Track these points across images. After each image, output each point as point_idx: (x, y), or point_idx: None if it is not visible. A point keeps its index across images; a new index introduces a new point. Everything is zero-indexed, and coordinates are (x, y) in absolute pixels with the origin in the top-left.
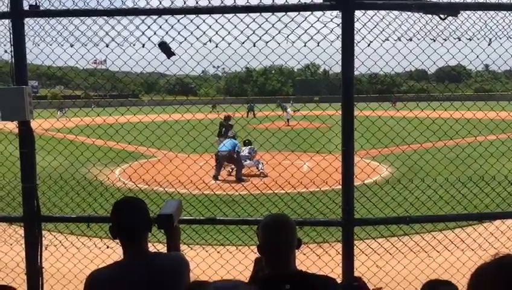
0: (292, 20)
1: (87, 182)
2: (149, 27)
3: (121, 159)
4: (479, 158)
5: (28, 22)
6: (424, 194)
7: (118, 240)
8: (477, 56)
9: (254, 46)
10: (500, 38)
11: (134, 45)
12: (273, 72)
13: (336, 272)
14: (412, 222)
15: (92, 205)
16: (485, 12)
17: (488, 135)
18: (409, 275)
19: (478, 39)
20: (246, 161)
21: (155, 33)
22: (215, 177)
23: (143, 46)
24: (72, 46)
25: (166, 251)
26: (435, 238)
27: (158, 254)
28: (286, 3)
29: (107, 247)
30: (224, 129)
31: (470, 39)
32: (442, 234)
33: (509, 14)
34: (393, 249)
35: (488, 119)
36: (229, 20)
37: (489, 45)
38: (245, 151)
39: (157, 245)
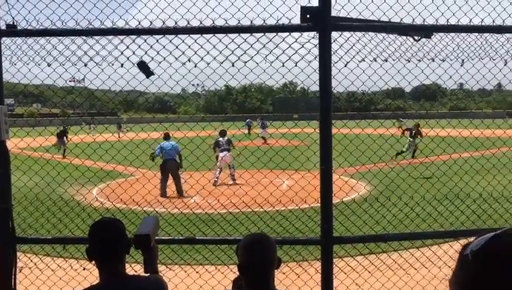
0: (270, 40)
1: (63, 202)
2: (128, 47)
3: (98, 179)
4: (454, 176)
5: (5, 41)
6: (401, 212)
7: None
8: (451, 76)
9: (233, 66)
10: (472, 60)
11: (113, 65)
12: (252, 90)
13: None
14: (389, 239)
15: (69, 226)
16: (457, 34)
17: (462, 152)
18: None
19: (451, 60)
20: (227, 152)
21: (134, 53)
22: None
23: (122, 66)
24: (49, 65)
25: (143, 271)
26: (412, 255)
27: (135, 276)
28: (264, 24)
29: (84, 269)
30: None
31: (443, 60)
32: (420, 251)
33: (480, 36)
34: (371, 266)
35: (462, 138)
36: (208, 40)
37: (461, 65)
38: (224, 144)
39: (134, 266)
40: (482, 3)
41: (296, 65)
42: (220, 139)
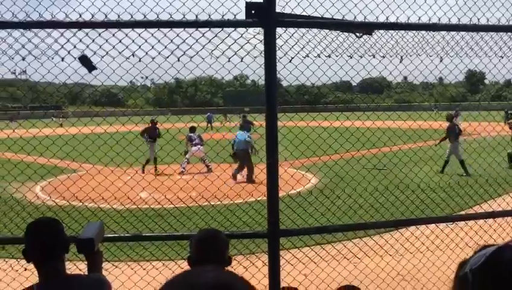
0: (216, 35)
1: (2, 201)
2: (68, 40)
3: (39, 177)
4: (394, 168)
5: None
6: (345, 204)
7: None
8: (390, 72)
9: (178, 60)
10: (411, 56)
11: (53, 58)
12: (203, 83)
13: (262, 284)
14: (334, 230)
15: (8, 225)
16: (397, 31)
17: (401, 145)
18: (332, 283)
19: (391, 56)
20: (201, 146)
21: (75, 46)
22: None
23: (62, 60)
24: None
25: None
26: (356, 245)
27: (76, 276)
28: (209, 19)
29: (25, 269)
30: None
31: (384, 56)
32: (363, 241)
33: (418, 34)
34: (317, 257)
35: (403, 129)
36: (152, 35)
37: (400, 62)
38: (196, 139)
39: (79, 265)
40: (419, 2)
41: (242, 60)
42: (191, 134)
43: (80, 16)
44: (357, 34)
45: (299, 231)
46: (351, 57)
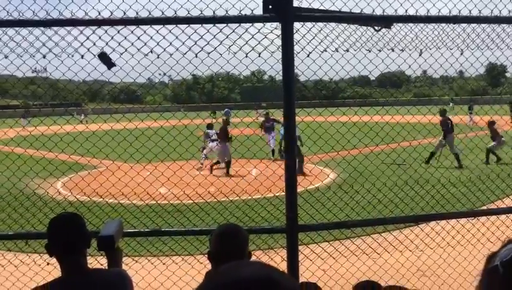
0: (233, 31)
1: (24, 197)
2: (88, 38)
3: (60, 173)
4: (413, 163)
5: None
6: (364, 199)
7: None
8: (410, 66)
9: (196, 56)
10: (430, 49)
11: (72, 56)
12: (220, 79)
13: None
14: (353, 226)
15: (31, 220)
16: (416, 24)
17: (421, 140)
18: (351, 278)
19: (410, 50)
20: (217, 144)
21: (94, 44)
22: None
23: (82, 57)
24: (6, 57)
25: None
26: (375, 240)
27: (97, 270)
28: (227, 14)
29: (47, 264)
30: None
31: (403, 50)
32: (382, 236)
33: (438, 26)
34: (336, 253)
35: (422, 124)
36: (170, 31)
37: (420, 55)
38: (213, 135)
39: (100, 259)
40: None
41: (259, 56)
42: (209, 131)
43: (99, 13)
44: (376, 27)
45: (317, 226)
46: (370, 51)
